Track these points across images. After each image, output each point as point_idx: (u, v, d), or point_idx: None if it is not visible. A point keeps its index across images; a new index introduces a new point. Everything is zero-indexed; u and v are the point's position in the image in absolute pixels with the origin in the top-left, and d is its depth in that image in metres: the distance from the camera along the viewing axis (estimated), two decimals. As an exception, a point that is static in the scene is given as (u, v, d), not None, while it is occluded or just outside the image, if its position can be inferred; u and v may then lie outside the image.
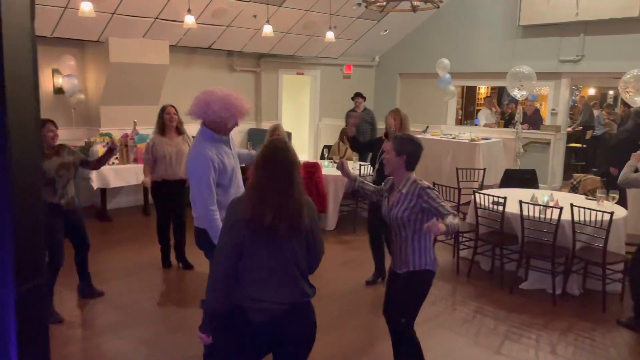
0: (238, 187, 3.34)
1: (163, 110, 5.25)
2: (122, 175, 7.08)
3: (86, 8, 5.61)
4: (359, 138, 5.34)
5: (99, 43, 7.25)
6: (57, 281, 4.33)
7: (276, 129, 5.05)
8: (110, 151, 4.52)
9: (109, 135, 7.20)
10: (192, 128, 5.03)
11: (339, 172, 6.73)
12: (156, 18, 7.24)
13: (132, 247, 6.18)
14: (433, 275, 3.13)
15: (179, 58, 8.43)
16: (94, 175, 6.72)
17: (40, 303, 1.64)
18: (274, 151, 2.29)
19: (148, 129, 7.64)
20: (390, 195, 3.13)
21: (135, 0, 6.77)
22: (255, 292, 2.27)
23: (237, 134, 9.50)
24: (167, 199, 5.30)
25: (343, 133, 8.09)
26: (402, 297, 3.11)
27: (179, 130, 5.29)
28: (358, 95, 8.48)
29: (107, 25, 6.96)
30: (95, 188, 6.87)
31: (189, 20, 6.57)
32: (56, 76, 7.35)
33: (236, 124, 3.27)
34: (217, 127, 3.21)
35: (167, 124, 5.21)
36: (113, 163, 7.00)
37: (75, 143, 6.62)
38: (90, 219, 4.78)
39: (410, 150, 3.03)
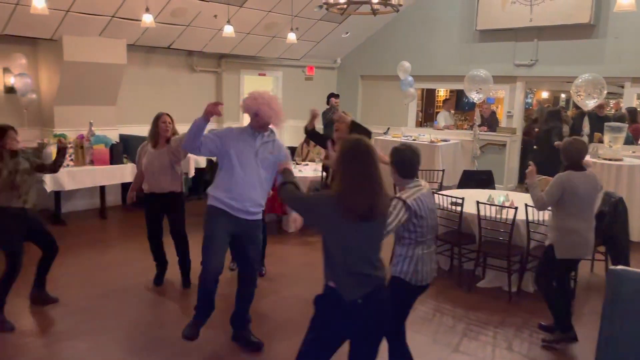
0: (241, 180, 3.57)
1: (158, 118, 4.74)
2: (78, 178, 6.87)
3: (39, 5, 5.43)
4: (318, 132, 5.25)
5: (52, 41, 7.03)
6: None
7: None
8: (60, 152, 4.40)
9: (63, 135, 6.97)
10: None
11: (302, 174, 6.77)
12: (113, 16, 7.07)
13: (88, 252, 6.00)
14: (403, 284, 3.06)
15: (137, 57, 8.26)
16: (47, 177, 6.49)
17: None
18: (358, 145, 2.46)
19: (104, 130, 7.48)
20: None
21: (90, -2, 6.60)
22: (347, 271, 2.45)
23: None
24: (159, 212, 4.89)
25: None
26: None
27: (169, 141, 4.77)
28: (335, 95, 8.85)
29: (61, 23, 6.76)
30: (48, 191, 6.65)
31: (147, 19, 6.45)
32: (7, 75, 7.09)
33: (263, 125, 3.59)
34: (254, 122, 3.59)
35: (161, 134, 4.71)
36: (67, 165, 6.79)
37: (28, 144, 6.38)
38: (43, 223, 4.63)
39: (396, 159, 3.07)
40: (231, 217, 3.61)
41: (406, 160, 3.08)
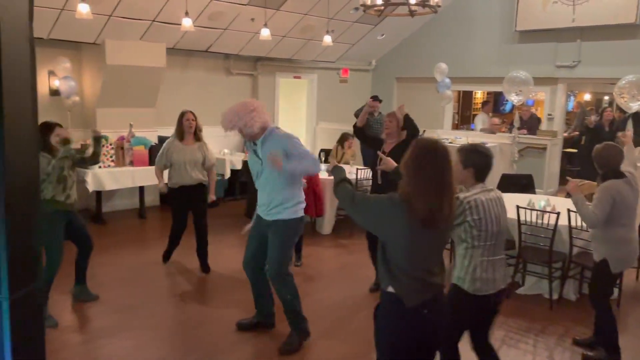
0: (260, 188, 3.87)
1: (182, 115, 5.17)
2: (118, 178, 7.04)
3: (83, 10, 5.60)
4: (367, 132, 5.29)
5: (95, 45, 7.23)
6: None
7: None
8: (96, 140, 4.54)
9: (105, 137, 7.15)
10: (213, 136, 5.35)
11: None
12: (153, 21, 7.22)
13: (128, 251, 6.14)
14: (459, 292, 2.88)
15: (176, 61, 8.42)
16: (89, 177, 6.68)
17: (35, 308, 1.61)
18: (436, 147, 2.34)
19: (144, 132, 7.64)
20: None
21: (132, 3, 6.76)
22: (407, 275, 2.35)
23: (233, 137, 9.46)
24: (186, 203, 5.25)
25: (343, 138, 8.05)
26: None
27: (197, 137, 5.22)
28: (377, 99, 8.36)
29: (104, 28, 6.94)
30: (90, 191, 6.83)
31: (186, 23, 6.56)
32: (52, 78, 7.32)
33: (245, 132, 3.73)
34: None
35: (185, 130, 5.14)
36: (109, 166, 6.96)
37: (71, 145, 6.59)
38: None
39: (477, 161, 2.90)
40: (261, 220, 3.92)
41: (486, 164, 2.93)
